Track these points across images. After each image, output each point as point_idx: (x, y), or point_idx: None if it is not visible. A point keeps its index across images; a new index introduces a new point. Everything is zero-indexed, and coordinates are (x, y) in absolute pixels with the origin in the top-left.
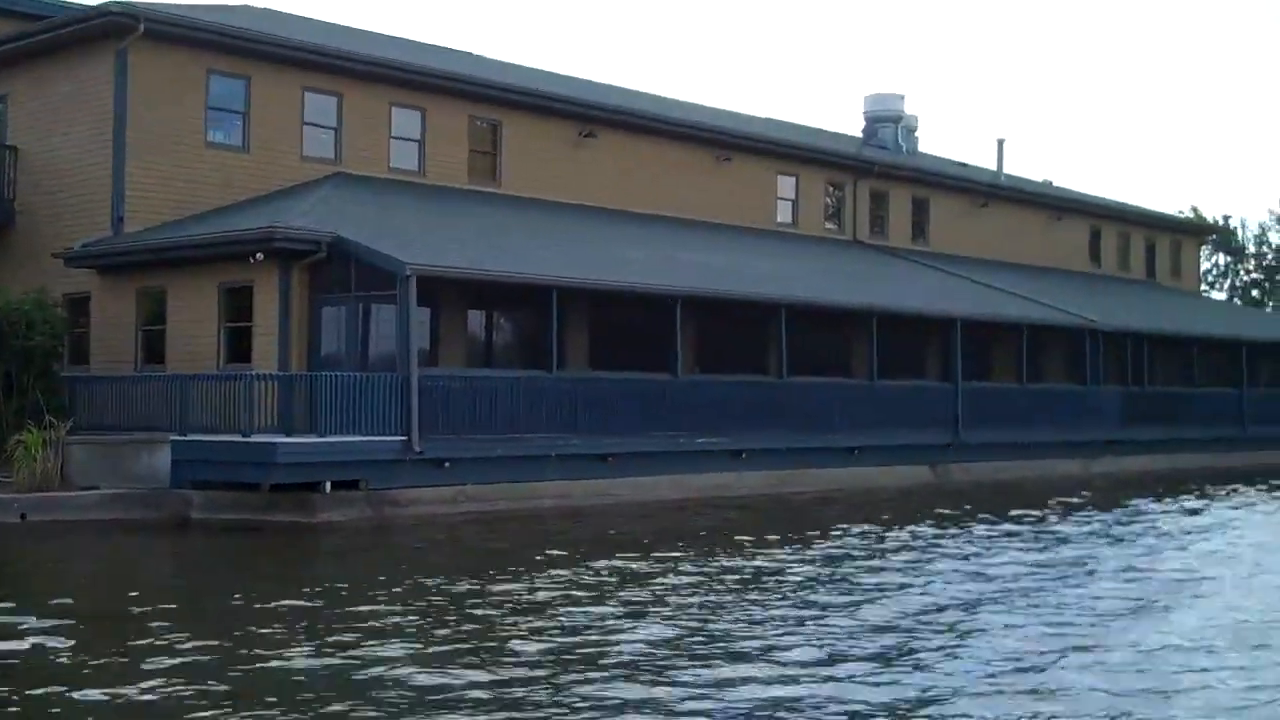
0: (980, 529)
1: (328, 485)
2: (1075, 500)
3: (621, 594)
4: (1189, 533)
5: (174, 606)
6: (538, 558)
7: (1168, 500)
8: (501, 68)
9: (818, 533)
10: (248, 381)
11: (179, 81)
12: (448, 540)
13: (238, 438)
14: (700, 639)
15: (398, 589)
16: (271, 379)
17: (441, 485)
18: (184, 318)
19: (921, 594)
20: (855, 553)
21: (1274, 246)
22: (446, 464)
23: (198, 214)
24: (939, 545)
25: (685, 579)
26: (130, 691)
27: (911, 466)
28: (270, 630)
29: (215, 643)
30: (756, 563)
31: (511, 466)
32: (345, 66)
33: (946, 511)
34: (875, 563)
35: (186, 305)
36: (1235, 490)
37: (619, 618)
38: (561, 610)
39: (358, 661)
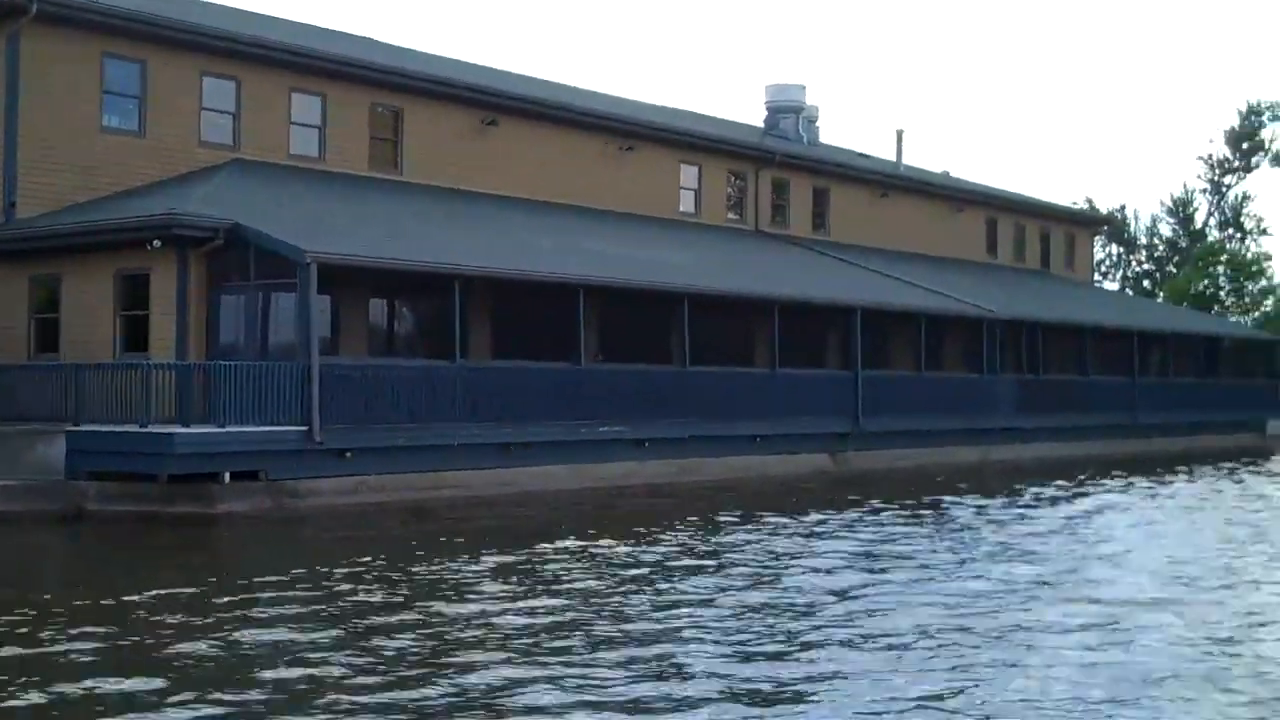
0: (852, 515)
1: (227, 476)
2: (962, 487)
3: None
4: (1072, 519)
5: (48, 597)
6: (419, 551)
7: (1056, 487)
8: (403, 54)
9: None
10: (144, 371)
11: (73, 65)
12: (343, 531)
13: (134, 428)
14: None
15: (284, 578)
16: (169, 368)
17: (342, 475)
18: (79, 306)
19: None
20: (702, 545)
21: (1164, 238)
22: (348, 454)
23: (93, 200)
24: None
25: (560, 568)
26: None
27: (812, 454)
28: (153, 621)
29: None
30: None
31: (413, 456)
32: (243, 51)
33: (832, 499)
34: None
35: (81, 293)
36: (1119, 476)
37: (497, 610)
38: (432, 605)
39: (247, 650)
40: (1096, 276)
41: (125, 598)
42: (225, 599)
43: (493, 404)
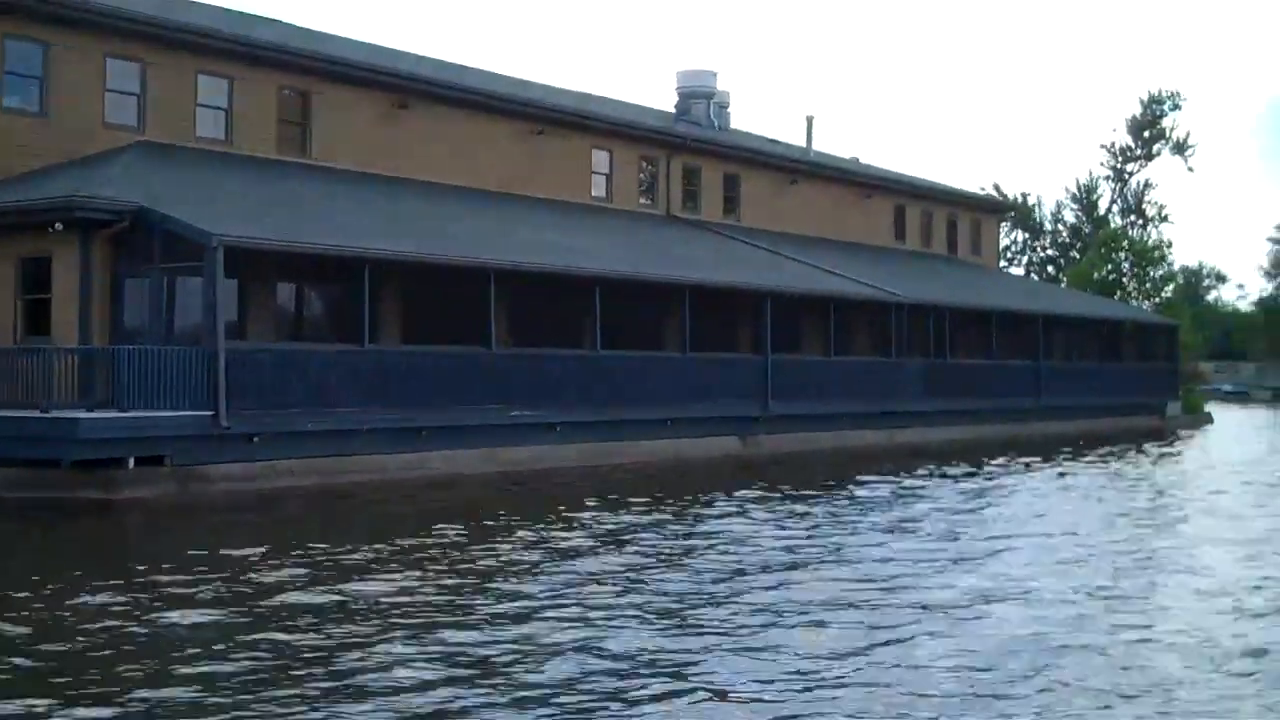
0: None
1: (131, 461)
2: (871, 472)
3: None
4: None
5: None
6: (305, 539)
7: (951, 468)
8: (312, 37)
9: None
10: (46, 356)
11: None
12: (247, 516)
13: (36, 413)
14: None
15: (179, 564)
16: (71, 353)
17: (250, 460)
18: None
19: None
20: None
21: (1069, 225)
22: (255, 439)
23: None
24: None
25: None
26: None
27: (722, 438)
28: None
29: None
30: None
31: (322, 441)
32: (148, 33)
33: (726, 482)
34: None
35: None
36: (1017, 458)
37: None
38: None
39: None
40: (1002, 262)
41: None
42: (115, 582)
43: (403, 388)
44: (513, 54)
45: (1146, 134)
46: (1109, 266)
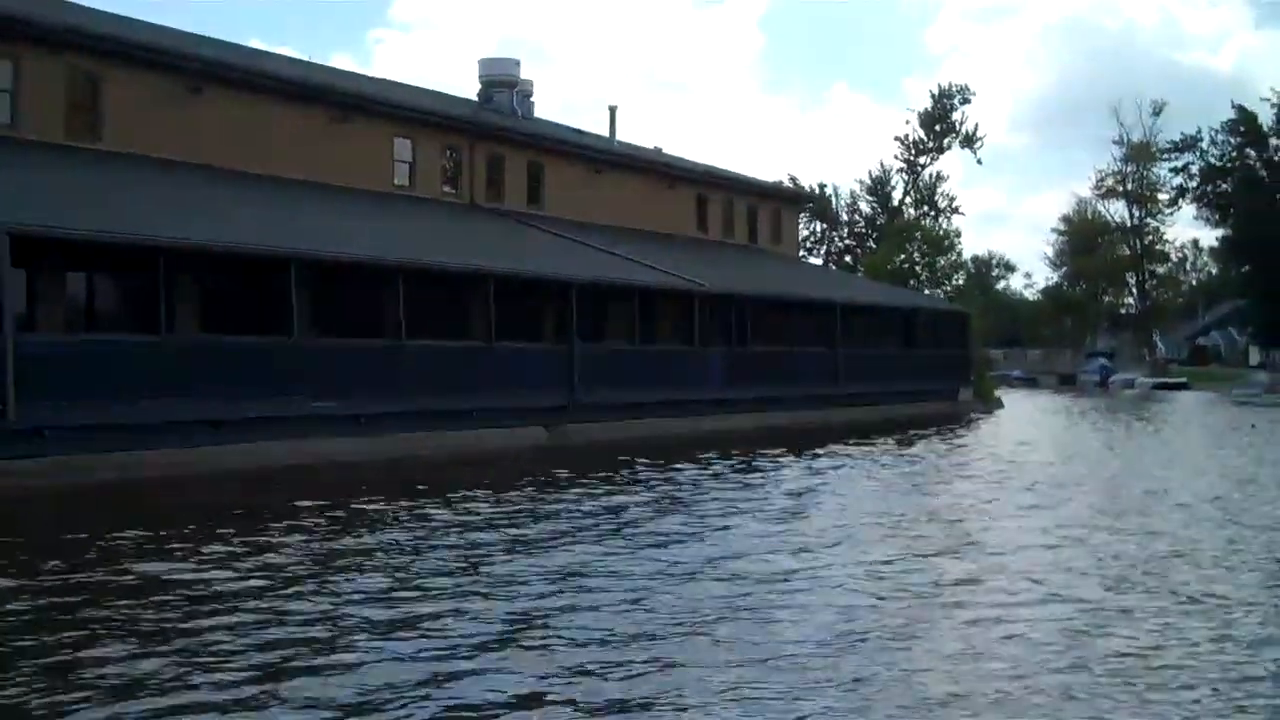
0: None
1: None
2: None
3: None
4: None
5: None
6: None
7: (734, 457)
8: (102, 18)
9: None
10: None
11: None
12: (35, 513)
13: None
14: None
15: None
16: None
17: (40, 456)
18: None
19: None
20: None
21: (864, 215)
22: (45, 433)
23: None
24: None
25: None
26: None
27: (529, 428)
28: None
29: None
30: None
31: (117, 435)
32: None
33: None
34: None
35: None
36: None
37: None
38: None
39: None
40: (802, 252)
41: None
42: None
43: (202, 380)
44: (315, 40)
45: (938, 127)
46: (902, 256)
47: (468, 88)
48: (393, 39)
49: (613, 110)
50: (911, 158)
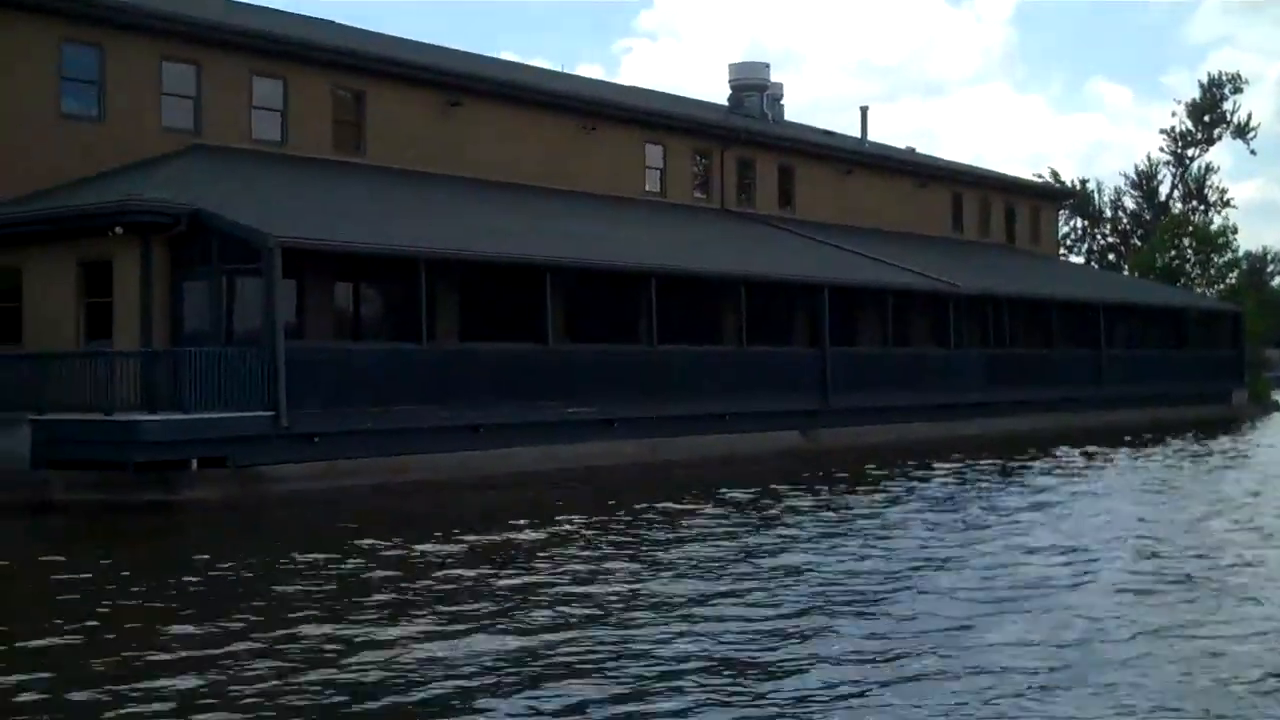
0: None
1: (194, 463)
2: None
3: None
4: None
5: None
6: (361, 541)
7: (1015, 460)
8: (364, 36)
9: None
10: (109, 359)
11: (29, 50)
12: (309, 517)
13: (100, 416)
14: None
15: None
16: (134, 356)
17: (310, 461)
18: (41, 295)
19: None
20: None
21: (1129, 211)
22: (315, 439)
23: (53, 187)
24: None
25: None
26: None
27: (782, 432)
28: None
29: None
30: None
31: (380, 440)
32: (203, 35)
33: (808, 476)
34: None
35: (43, 282)
36: (1084, 450)
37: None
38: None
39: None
40: (1062, 250)
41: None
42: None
43: (460, 386)
44: (564, 52)
45: (1207, 118)
46: (1172, 253)
47: (716, 94)
48: (640, 47)
49: (864, 111)
50: (1179, 150)
